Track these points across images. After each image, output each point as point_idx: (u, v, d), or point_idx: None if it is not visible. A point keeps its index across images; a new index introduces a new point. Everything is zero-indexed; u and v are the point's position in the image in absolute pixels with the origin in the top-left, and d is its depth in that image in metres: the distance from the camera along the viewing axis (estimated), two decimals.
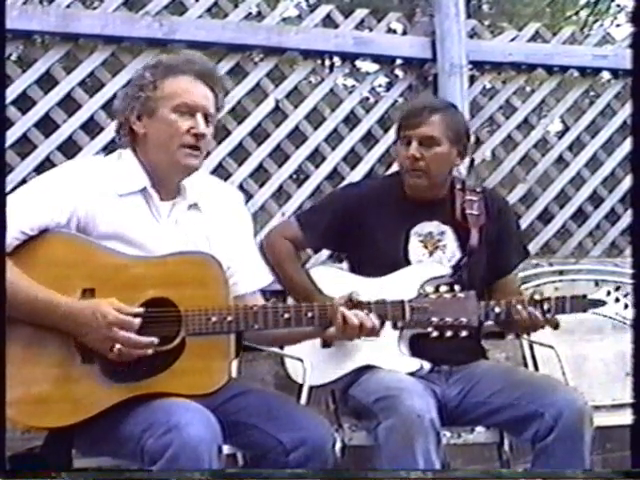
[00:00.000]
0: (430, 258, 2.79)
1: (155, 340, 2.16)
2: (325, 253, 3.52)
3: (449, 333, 2.32)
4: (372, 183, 3.11)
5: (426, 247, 2.80)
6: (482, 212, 2.83)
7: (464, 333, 2.32)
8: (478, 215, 2.82)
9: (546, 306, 2.59)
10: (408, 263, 2.78)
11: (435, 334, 2.33)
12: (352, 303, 2.31)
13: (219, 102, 2.37)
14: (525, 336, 3.09)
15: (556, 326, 2.66)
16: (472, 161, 2.86)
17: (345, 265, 2.93)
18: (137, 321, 2.16)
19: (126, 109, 2.34)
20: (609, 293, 2.64)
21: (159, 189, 2.34)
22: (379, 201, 2.82)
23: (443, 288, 2.33)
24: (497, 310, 2.58)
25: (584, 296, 2.65)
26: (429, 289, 2.34)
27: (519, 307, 2.57)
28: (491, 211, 2.86)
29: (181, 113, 2.29)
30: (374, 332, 2.31)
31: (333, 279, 2.82)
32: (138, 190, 2.32)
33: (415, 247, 2.79)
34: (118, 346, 2.13)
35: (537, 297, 2.60)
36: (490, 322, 2.66)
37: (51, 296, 2.17)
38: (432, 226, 2.81)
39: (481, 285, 2.78)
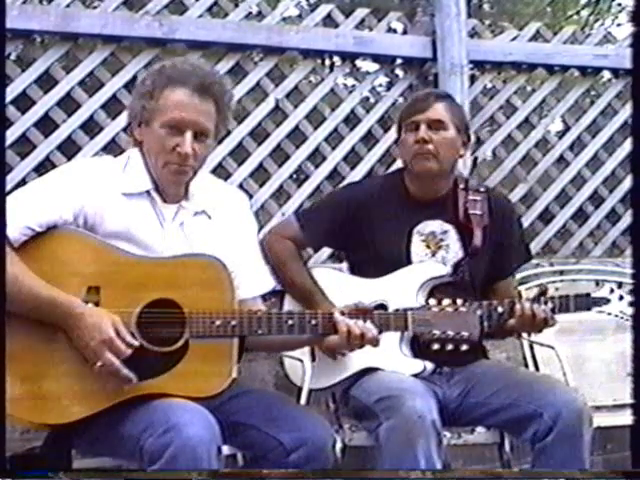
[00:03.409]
0: (433, 258, 2.75)
1: (134, 379, 2.15)
2: (326, 253, 3.51)
3: (450, 346, 2.34)
4: (373, 181, 3.07)
5: (429, 247, 2.76)
6: (485, 212, 2.79)
7: (465, 347, 2.34)
8: (481, 215, 2.78)
9: (550, 305, 2.57)
10: (410, 263, 2.74)
11: (436, 346, 2.34)
12: (356, 312, 2.31)
13: (223, 112, 2.32)
14: (525, 336, 3.04)
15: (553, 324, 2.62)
16: (475, 160, 2.83)
17: (345, 265, 2.90)
18: (128, 351, 2.14)
19: (132, 113, 2.35)
20: (612, 291, 2.62)
21: (162, 193, 2.35)
22: (380, 200, 2.79)
23: (446, 301, 2.33)
24: (500, 310, 2.56)
25: (587, 294, 2.64)
26: (432, 302, 2.34)
27: (524, 305, 2.56)
28: (494, 211, 2.82)
29: (170, 128, 2.26)
30: (373, 342, 2.31)
31: (333, 281, 2.79)
32: (143, 192, 2.32)
33: (417, 247, 2.75)
34: (99, 364, 2.13)
35: (540, 296, 2.58)
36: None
37: (54, 294, 2.16)
38: (435, 225, 2.77)
39: (482, 286, 2.77)
